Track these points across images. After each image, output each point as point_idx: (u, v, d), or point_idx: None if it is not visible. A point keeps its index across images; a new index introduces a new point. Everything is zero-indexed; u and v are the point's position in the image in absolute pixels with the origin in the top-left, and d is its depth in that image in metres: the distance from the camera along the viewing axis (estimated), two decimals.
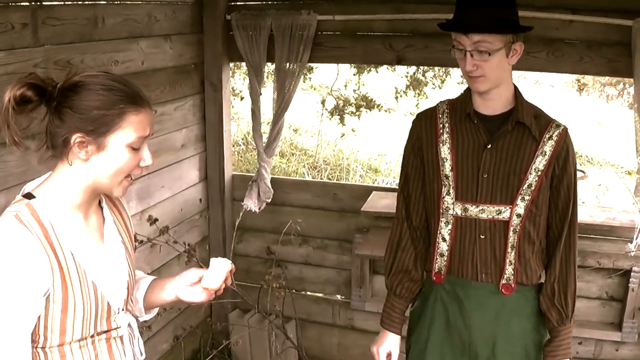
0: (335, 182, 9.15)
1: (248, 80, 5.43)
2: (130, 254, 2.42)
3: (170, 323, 5.17)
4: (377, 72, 9.80)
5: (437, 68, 9.49)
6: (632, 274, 4.64)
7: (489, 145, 2.93)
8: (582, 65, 4.60)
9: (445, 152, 3.01)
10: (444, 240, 3.06)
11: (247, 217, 5.34)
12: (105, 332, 2.26)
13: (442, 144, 3.02)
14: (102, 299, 2.21)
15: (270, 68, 5.36)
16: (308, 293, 5.71)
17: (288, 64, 5.00)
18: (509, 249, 2.97)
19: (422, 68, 9.41)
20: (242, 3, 5.22)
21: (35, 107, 2.06)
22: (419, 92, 9.69)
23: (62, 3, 3.79)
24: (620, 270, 4.71)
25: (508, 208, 2.93)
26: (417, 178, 3.16)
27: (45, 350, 2.12)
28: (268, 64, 5.22)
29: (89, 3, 4.00)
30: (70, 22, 3.82)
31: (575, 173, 3.01)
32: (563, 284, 3.03)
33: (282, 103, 5.10)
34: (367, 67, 9.27)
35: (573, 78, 14.58)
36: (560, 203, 2.99)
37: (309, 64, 6.65)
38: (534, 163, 2.91)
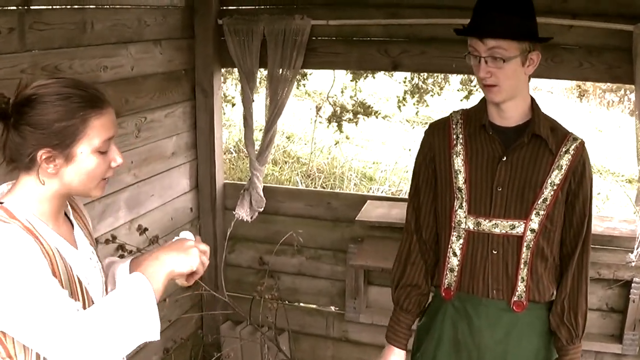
0: (329, 190, 9.17)
1: (240, 87, 5.43)
2: (100, 259, 2.42)
3: (161, 335, 5.15)
4: (373, 78, 9.80)
5: (436, 74, 9.48)
6: (632, 285, 4.64)
7: (504, 158, 2.91)
8: (581, 72, 4.61)
9: (459, 163, 2.99)
10: (455, 255, 3.04)
11: (239, 226, 5.35)
12: None
13: (455, 156, 3.00)
14: (87, 295, 2.22)
15: (263, 74, 5.35)
16: (301, 304, 5.70)
17: (281, 70, 5.01)
18: (522, 265, 2.95)
19: (422, 74, 9.38)
20: (234, 7, 5.22)
21: None
22: (419, 99, 9.66)
23: (49, 7, 3.79)
24: (621, 281, 4.70)
25: (522, 223, 2.92)
26: (427, 190, 3.14)
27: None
28: (260, 70, 5.22)
29: (78, 7, 4.00)
30: (58, 26, 3.82)
31: (591, 188, 3.00)
32: (574, 303, 3.02)
33: (274, 110, 5.10)
34: (363, 73, 9.25)
35: (573, 84, 14.57)
36: (575, 219, 2.98)
37: (303, 70, 6.66)
38: (550, 177, 2.89)
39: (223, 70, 5.85)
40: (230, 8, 5.23)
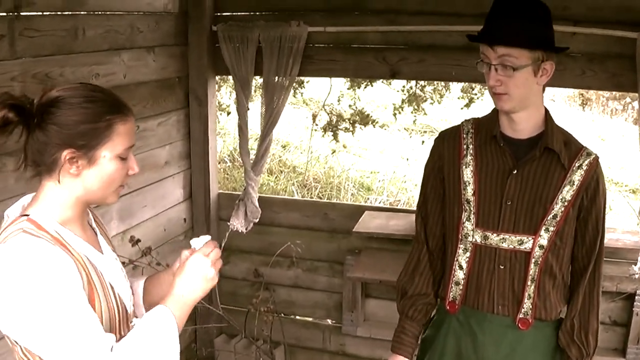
0: (326, 201, 9.20)
1: (235, 95, 5.43)
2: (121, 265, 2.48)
3: None
4: (372, 86, 9.80)
5: (436, 82, 9.47)
6: (636, 298, 4.65)
7: (515, 171, 2.89)
8: (584, 80, 4.61)
9: (468, 175, 2.98)
10: (461, 269, 3.03)
11: (233, 237, 5.35)
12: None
13: (464, 167, 2.99)
14: (120, 301, 2.28)
15: (258, 82, 5.37)
16: (297, 317, 5.70)
17: (277, 78, 5.02)
18: (529, 282, 2.93)
19: (420, 82, 9.38)
20: (228, 14, 5.23)
21: (15, 127, 2.09)
22: (416, 107, 9.65)
23: (40, 14, 3.80)
24: (624, 294, 4.70)
25: (531, 238, 2.90)
26: (435, 199, 3.14)
27: None
28: (256, 78, 5.24)
29: (69, 14, 4.01)
30: (49, 33, 3.82)
31: (605, 205, 2.98)
32: (584, 321, 3.00)
33: (270, 118, 5.10)
34: (361, 81, 9.26)
35: (575, 92, 14.59)
36: (588, 236, 2.95)
37: (300, 78, 6.67)
38: (561, 193, 2.87)
39: (217, 78, 5.85)
40: (225, 14, 5.24)
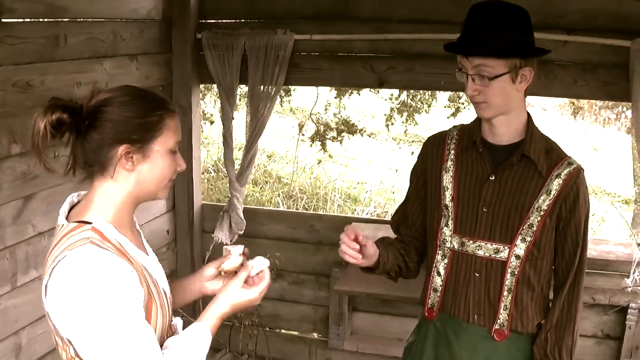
0: (312, 212, 9.20)
1: (219, 104, 5.43)
2: None
3: None
4: (359, 94, 9.82)
5: (423, 91, 9.49)
6: (629, 311, 4.66)
7: (492, 177, 2.91)
8: (576, 89, 4.64)
9: (447, 180, 3.02)
10: (439, 275, 3.06)
11: (218, 250, 5.28)
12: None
13: (445, 172, 3.03)
14: (169, 302, 2.41)
15: (243, 90, 5.37)
16: (283, 331, 5.72)
17: (262, 87, 5.03)
18: (505, 292, 2.94)
19: (410, 91, 9.39)
20: (213, 21, 5.25)
21: (66, 130, 2.20)
22: (408, 117, 9.66)
23: (21, 20, 3.81)
24: (617, 307, 4.73)
25: (507, 248, 2.91)
26: (416, 201, 3.20)
27: None
28: (241, 86, 5.25)
29: (50, 20, 4.02)
30: (30, 40, 3.84)
31: (587, 217, 2.98)
32: (559, 337, 3.00)
33: (255, 128, 5.11)
34: (348, 89, 9.26)
35: (567, 101, 14.62)
36: (567, 248, 2.96)
37: (286, 87, 6.67)
38: (537, 202, 2.87)
39: (202, 87, 5.87)
40: (210, 22, 5.25)
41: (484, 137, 2.96)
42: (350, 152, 12.06)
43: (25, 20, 3.87)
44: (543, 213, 2.87)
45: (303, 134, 10.61)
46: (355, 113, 11.91)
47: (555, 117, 14.77)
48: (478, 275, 2.96)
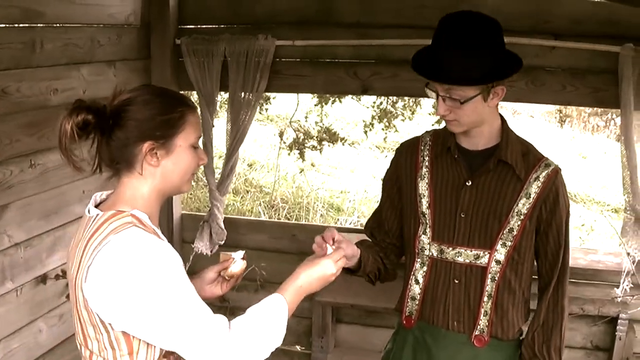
0: (294, 222, 9.22)
1: (199, 111, 5.43)
2: None
3: None
4: (340, 102, 9.81)
5: (407, 98, 9.48)
6: (619, 322, 4.69)
7: (469, 183, 2.94)
8: (564, 95, 4.68)
9: (423, 187, 3.04)
10: (417, 283, 3.08)
11: (197, 260, 5.33)
12: None
13: (420, 179, 3.05)
14: None
15: (224, 97, 5.37)
16: None
17: (243, 93, 5.05)
18: (485, 298, 2.97)
19: (391, 98, 9.38)
20: (193, 27, 5.27)
21: (92, 130, 2.33)
22: (388, 124, 9.66)
23: None
24: (606, 318, 4.76)
25: (487, 253, 2.94)
26: (390, 208, 3.22)
27: None
28: (221, 93, 5.24)
29: (26, 26, 4.03)
30: (5, 46, 3.85)
31: (568, 218, 3.01)
32: (547, 336, 3.04)
33: (236, 136, 5.13)
34: (330, 96, 9.23)
35: (555, 108, 14.64)
36: (550, 250, 3.00)
37: (266, 94, 6.68)
38: (517, 206, 2.90)
39: (181, 94, 5.86)
40: (189, 27, 5.28)
41: (458, 142, 2.99)
42: (333, 160, 12.07)
43: (0, 26, 3.86)
44: (523, 217, 2.91)
45: (284, 142, 10.61)
46: (337, 121, 11.90)
47: (543, 124, 14.79)
48: (457, 282, 2.99)
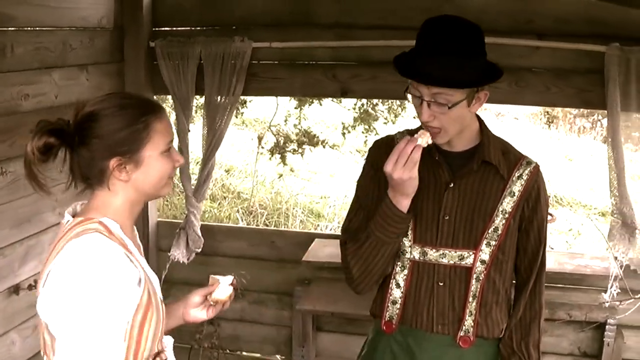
0: (273, 228, 9.22)
1: (174, 115, 5.43)
2: None
3: None
4: (320, 104, 9.81)
5: (391, 100, 9.47)
6: (607, 327, 4.72)
7: (452, 185, 2.97)
8: (549, 96, 4.71)
9: None
10: (398, 287, 3.09)
11: (174, 268, 5.37)
12: (157, 354, 2.48)
13: None
14: (164, 315, 2.50)
15: (200, 101, 5.38)
16: (244, 353, 5.74)
17: (219, 97, 5.06)
18: (470, 299, 3.00)
19: (371, 100, 9.38)
20: (167, 29, 5.28)
21: (58, 150, 2.33)
22: (368, 127, 9.65)
23: None
24: (594, 323, 4.78)
25: (472, 253, 2.97)
26: (365, 212, 3.14)
27: None
28: (197, 97, 5.25)
29: None
30: None
31: (547, 214, 3.07)
32: (525, 331, 3.09)
33: (212, 140, 5.14)
34: (309, 99, 9.26)
35: (540, 109, 14.65)
36: (530, 247, 3.05)
37: (243, 97, 6.68)
38: (501, 204, 2.95)
39: (155, 98, 5.88)
40: (164, 29, 5.28)
41: (438, 144, 2.98)
42: (313, 165, 12.07)
43: None
44: (508, 215, 2.96)
45: (263, 147, 10.61)
46: (316, 124, 11.89)
47: (528, 126, 14.81)
48: (442, 285, 3.01)
